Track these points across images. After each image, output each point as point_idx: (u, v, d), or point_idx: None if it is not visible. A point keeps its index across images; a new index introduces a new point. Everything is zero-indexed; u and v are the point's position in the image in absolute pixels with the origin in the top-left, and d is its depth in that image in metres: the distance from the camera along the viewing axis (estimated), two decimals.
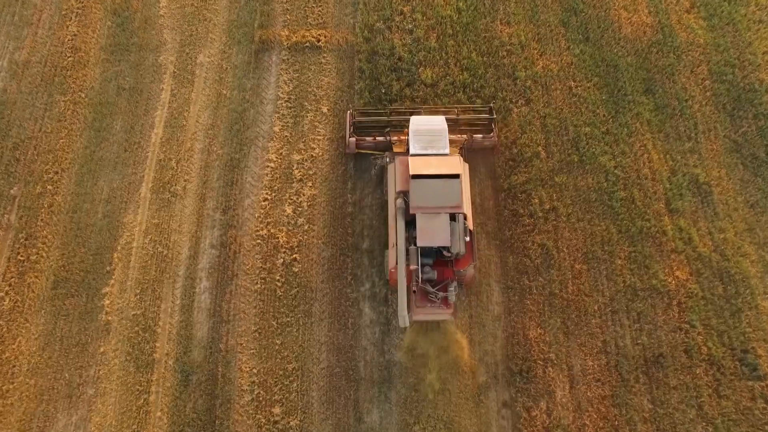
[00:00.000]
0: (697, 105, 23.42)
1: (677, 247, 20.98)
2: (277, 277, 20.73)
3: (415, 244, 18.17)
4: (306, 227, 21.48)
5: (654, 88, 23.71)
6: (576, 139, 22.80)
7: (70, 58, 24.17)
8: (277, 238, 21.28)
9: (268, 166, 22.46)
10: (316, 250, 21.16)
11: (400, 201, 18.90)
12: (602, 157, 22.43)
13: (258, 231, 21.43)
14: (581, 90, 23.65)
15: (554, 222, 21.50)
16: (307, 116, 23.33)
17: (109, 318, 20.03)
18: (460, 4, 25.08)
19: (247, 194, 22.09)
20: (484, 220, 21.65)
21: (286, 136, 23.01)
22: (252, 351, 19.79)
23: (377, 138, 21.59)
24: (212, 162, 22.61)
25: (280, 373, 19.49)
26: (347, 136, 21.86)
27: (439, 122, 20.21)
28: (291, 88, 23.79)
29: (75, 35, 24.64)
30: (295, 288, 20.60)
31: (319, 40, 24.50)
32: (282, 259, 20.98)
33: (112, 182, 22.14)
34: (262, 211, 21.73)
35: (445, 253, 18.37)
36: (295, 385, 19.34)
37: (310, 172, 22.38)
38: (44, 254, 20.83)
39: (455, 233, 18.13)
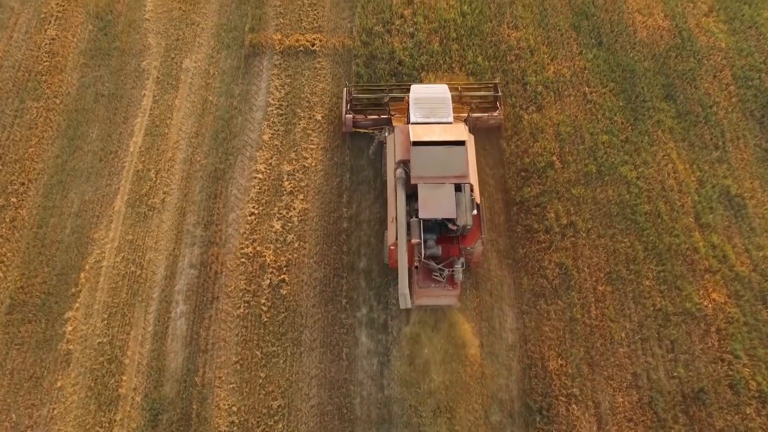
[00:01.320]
0: (722, 111, 20.55)
1: (711, 265, 17.82)
2: (263, 301, 17.53)
3: (416, 217, 15.57)
4: (296, 245, 18.37)
5: (675, 94, 20.88)
6: (593, 148, 19.85)
7: (46, 63, 21.41)
8: (264, 256, 18.15)
9: (255, 178, 19.47)
10: (307, 270, 18.00)
11: (400, 171, 16.48)
12: (622, 168, 19.45)
13: (243, 249, 18.31)
14: (596, 96, 20.81)
15: (572, 238, 18.39)
16: (299, 124, 20.44)
17: (71, 347, 16.76)
18: (465, 7, 22.45)
19: (231, 208, 19.03)
20: (495, 237, 18.55)
21: (276, 144, 20.07)
22: (232, 385, 16.47)
23: (375, 116, 19.31)
24: (195, 173, 19.62)
25: (264, 411, 16.12)
26: (343, 113, 19.37)
27: (441, 90, 18.00)
28: (283, 94, 20.96)
29: (53, 39, 21.94)
30: (283, 313, 17.38)
31: (313, 44, 21.78)
32: (269, 280, 17.81)
33: (84, 194, 19.12)
34: (248, 226, 18.65)
35: (450, 226, 15.72)
36: (280, 425, 15.96)
37: (302, 184, 19.37)
38: (1, 274, 17.66)
39: (461, 204, 15.58)
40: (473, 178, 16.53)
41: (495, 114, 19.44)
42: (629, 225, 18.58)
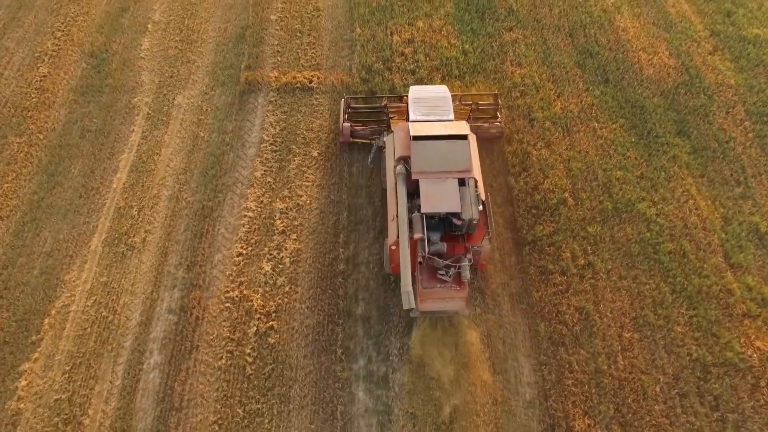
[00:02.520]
0: (740, 147, 18.95)
1: (750, 310, 15.51)
2: (248, 351, 15.08)
3: (419, 212, 13.97)
4: (287, 288, 16.14)
5: (688, 129, 19.38)
6: (607, 185, 18.06)
7: (34, 99, 20.09)
8: (251, 300, 15.87)
9: (245, 216, 17.53)
10: (299, 316, 15.67)
11: (400, 167, 15.05)
12: (640, 204, 17.56)
13: (228, 292, 16.06)
14: (607, 132, 19.29)
15: (592, 280, 16.19)
16: (294, 160, 18.76)
17: (21, 405, 14.12)
18: (467, 46, 21.45)
19: (218, 248, 16.96)
20: (506, 279, 16.35)
21: (268, 182, 18.29)
22: None
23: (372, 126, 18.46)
24: (180, 211, 17.71)
25: None
26: (341, 122, 18.35)
27: (441, 90, 17.06)
28: (277, 131, 19.44)
29: (44, 77, 20.75)
30: (270, 364, 14.88)
31: (311, 81, 20.54)
32: (255, 328, 15.43)
33: (59, 233, 17.11)
34: (235, 268, 16.50)
35: (455, 221, 13.97)
36: None
37: (295, 223, 17.40)
38: None
39: (465, 198, 14.01)
40: (477, 174, 15.08)
41: (496, 123, 18.46)
42: (653, 265, 16.44)
